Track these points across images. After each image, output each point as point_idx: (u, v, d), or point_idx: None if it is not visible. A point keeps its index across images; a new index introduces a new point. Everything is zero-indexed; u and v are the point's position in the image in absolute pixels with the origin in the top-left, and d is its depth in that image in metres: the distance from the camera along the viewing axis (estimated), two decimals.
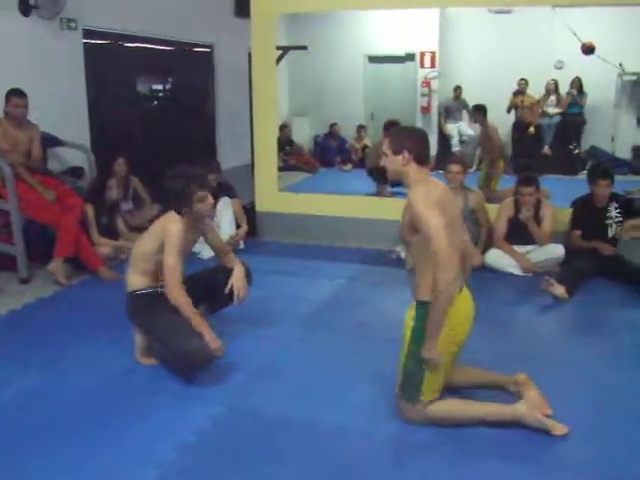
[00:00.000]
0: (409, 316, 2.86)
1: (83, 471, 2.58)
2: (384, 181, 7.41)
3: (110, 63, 7.23)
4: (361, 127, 11.15)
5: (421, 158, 2.78)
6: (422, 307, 2.76)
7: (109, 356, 3.66)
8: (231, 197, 6.03)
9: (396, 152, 2.78)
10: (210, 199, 3.44)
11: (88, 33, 6.62)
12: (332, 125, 11.28)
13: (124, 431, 2.87)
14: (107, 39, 7.13)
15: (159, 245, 3.37)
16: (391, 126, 7.77)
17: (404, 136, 2.82)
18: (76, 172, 6.11)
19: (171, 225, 3.37)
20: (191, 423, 2.93)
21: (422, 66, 11.29)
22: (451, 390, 3.03)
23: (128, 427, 2.90)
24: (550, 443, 2.76)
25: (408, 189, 2.80)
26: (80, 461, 2.65)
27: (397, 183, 6.63)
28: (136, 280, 3.52)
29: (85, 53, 6.61)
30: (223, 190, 6.03)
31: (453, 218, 2.76)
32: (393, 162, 2.81)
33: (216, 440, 2.84)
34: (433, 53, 11.15)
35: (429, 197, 2.66)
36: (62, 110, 6.21)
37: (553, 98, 10.44)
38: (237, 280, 3.60)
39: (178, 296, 3.30)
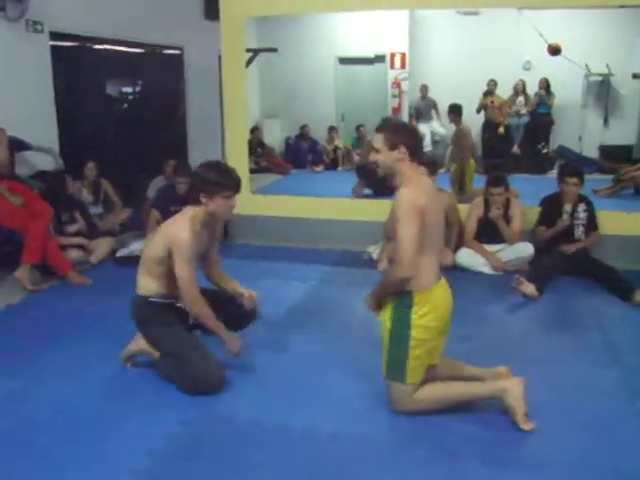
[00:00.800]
0: (388, 305, 2.92)
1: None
2: (368, 181, 7.42)
3: (79, 66, 7.16)
4: (332, 128, 11.19)
5: (416, 154, 2.82)
6: (403, 296, 2.83)
7: (80, 363, 3.61)
8: None
9: (392, 147, 2.79)
10: (234, 202, 3.27)
11: (55, 35, 6.54)
12: (303, 127, 11.30)
13: (94, 440, 2.84)
14: (75, 41, 7.06)
15: (166, 252, 3.22)
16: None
17: (400, 131, 2.85)
18: (44, 176, 6.03)
19: (180, 235, 3.19)
20: (162, 429, 2.91)
21: (392, 67, 11.35)
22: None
23: (98, 435, 2.87)
24: (522, 440, 2.80)
25: (398, 187, 2.80)
26: (50, 469, 2.62)
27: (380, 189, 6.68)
28: (150, 284, 3.37)
29: (52, 56, 6.53)
30: (194, 192, 5.96)
31: (436, 221, 2.83)
32: (388, 157, 2.81)
33: (188, 446, 2.81)
34: (403, 54, 11.22)
35: (414, 202, 2.70)
36: (29, 113, 6.13)
37: (521, 98, 10.58)
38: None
39: (195, 302, 3.23)
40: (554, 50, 8.39)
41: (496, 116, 10.47)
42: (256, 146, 10.19)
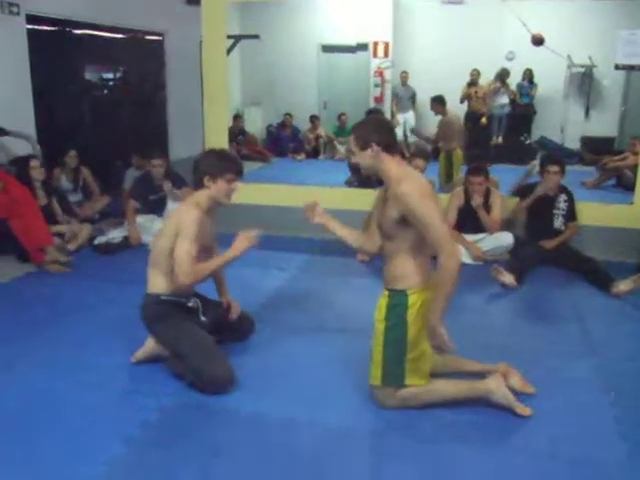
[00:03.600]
0: (381, 305, 2.86)
1: (28, 469, 2.52)
2: (358, 176, 7.35)
3: (57, 50, 7.05)
4: (314, 117, 11.13)
5: (390, 146, 2.75)
6: (397, 296, 2.79)
7: (57, 351, 3.57)
8: (181, 187, 5.94)
9: (363, 147, 2.74)
10: (236, 186, 3.29)
11: (32, 19, 6.42)
12: (285, 115, 11.23)
13: (70, 427, 2.81)
14: (53, 25, 6.94)
15: (176, 238, 3.16)
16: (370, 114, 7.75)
17: (367, 129, 2.78)
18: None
19: (186, 216, 3.18)
20: (139, 416, 2.89)
21: (375, 56, 11.32)
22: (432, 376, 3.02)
23: (74, 423, 2.84)
24: (504, 428, 2.82)
25: (393, 183, 2.70)
26: (26, 459, 2.58)
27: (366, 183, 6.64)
28: (161, 282, 3.30)
29: (29, 39, 6.40)
30: (172, 180, 5.96)
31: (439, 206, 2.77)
32: (362, 157, 2.77)
33: (164, 433, 2.80)
34: (386, 43, 11.19)
35: (421, 190, 2.64)
36: (5, 99, 6.03)
37: (499, 84, 10.54)
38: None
39: (191, 275, 3.10)
40: (537, 40, 8.35)
41: (479, 106, 10.48)
42: (237, 134, 10.12)
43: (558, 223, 5.19)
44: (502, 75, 10.47)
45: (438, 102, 7.77)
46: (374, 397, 2.98)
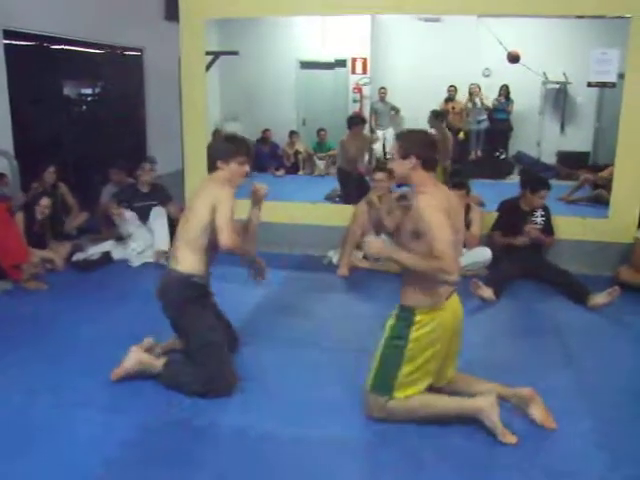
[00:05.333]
0: (391, 317, 2.92)
1: None
2: (344, 186, 7.33)
3: (35, 66, 7.01)
4: (293, 133, 11.14)
5: (428, 164, 2.84)
6: (405, 312, 2.84)
7: (34, 370, 3.53)
8: (166, 201, 6.04)
9: (404, 156, 2.83)
10: (247, 168, 3.44)
11: (9, 34, 6.39)
12: (265, 131, 11.24)
13: (48, 448, 2.77)
14: (31, 41, 6.91)
15: (212, 214, 3.23)
16: (352, 123, 7.75)
17: (413, 141, 2.86)
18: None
19: (221, 191, 3.27)
20: (118, 436, 2.86)
21: (354, 72, 11.37)
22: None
23: (52, 443, 2.81)
24: (487, 444, 2.82)
25: (416, 197, 2.79)
26: (1, 477, 2.55)
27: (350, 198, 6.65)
28: (191, 259, 3.33)
29: (6, 55, 6.37)
30: (158, 191, 6.07)
31: (456, 224, 2.81)
32: (400, 165, 2.85)
33: (142, 452, 2.78)
34: (364, 59, 11.25)
35: (436, 206, 2.70)
36: None
37: (478, 101, 10.69)
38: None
39: (234, 240, 3.22)
40: (513, 58, 8.49)
41: (456, 122, 10.58)
42: None
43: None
44: (470, 94, 10.65)
45: (438, 117, 7.76)
46: (364, 403, 3.00)
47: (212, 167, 3.49)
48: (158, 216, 5.85)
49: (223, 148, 3.47)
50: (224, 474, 2.62)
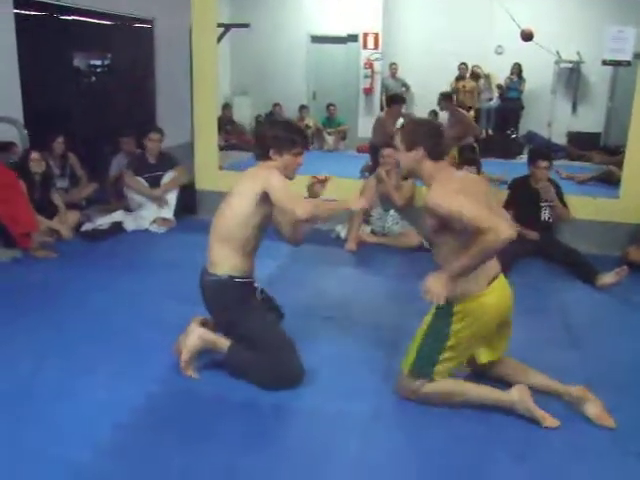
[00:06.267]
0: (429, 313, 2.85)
1: (14, 452, 2.52)
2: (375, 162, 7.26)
3: (45, 36, 6.98)
4: (303, 107, 11.09)
5: (436, 154, 2.73)
6: (443, 304, 2.70)
7: (42, 337, 3.56)
8: (174, 165, 6.16)
9: (409, 148, 2.73)
10: (302, 160, 3.15)
11: (20, 3, 6.35)
12: (275, 105, 11.20)
13: (58, 412, 2.80)
14: (41, 10, 6.88)
15: (259, 202, 2.97)
16: (392, 101, 7.68)
17: (418, 131, 2.76)
18: (7, 147, 5.88)
19: (270, 174, 2.96)
20: (127, 402, 2.89)
21: (365, 47, 11.31)
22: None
23: (62, 408, 2.84)
24: (485, 421, 2.84)
25: (427, 187, 2.73)
26: (10, 442, 2.58)
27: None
28: (232, 260, 3.05)
29: (17, 24, 6.34)
30: (165, 160, 6.15)
31: (480, 200, 2.65)
32: (406, 158, 2.76)
33: (152, 418, 2.81)
34: (376, 35, 11.18)
35: (448, 189, 2.60)
36: None
37: (482, 82, 10.64)
38: None
39: (305, 209, 2.88)
40: (527, 36, 8.39)
41: (467, 100, 10.51)
42: (226, 123, 10.08)
43: (546, 215, 5.23)
44: (474, 74, 10.61)
45: (447, 98, 7.69)
46: (397, 384, 2.96)
47: (262, 155, 3.14)
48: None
49: (280, 136, 3.08)
50: (231, 443, 2.64)
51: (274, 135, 3.10)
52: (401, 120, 7.13)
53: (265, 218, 3.08)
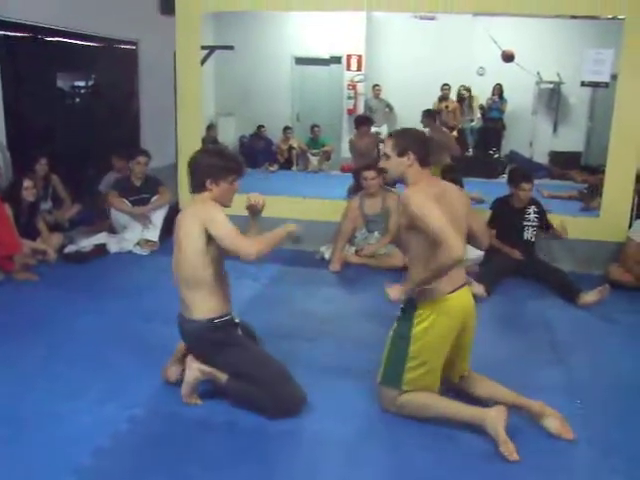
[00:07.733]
0: (401, 310, 2.95)
1: None
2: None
3: (28, 57, 6.96)
4: (287, 128, 11.15)
5: (424, 160, 2.87)
6: (409, 304, 2.88)
7: (25, 361, 3.53)
8: (156, 187, 6.22)
9: (401, 153, 2.85)
10: (237, 187, 3.11)
11: (3, 24, 6.35)
12: (259, 127, 11.25)
13: (39, 437, 2.78)
14: (25, 32, 6.87)
15: (206, 238, 2.94)
16: (360, 123, 7.72)
17: (409, 138, 2.90)
18: None
19: (208, 209, 2.95)
20: (109, 427, 2.86)
21: (348, 69, 11.40)
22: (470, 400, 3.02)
23: (43, 433, 2.81)
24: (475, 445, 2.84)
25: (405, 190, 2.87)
26: None
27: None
28: (209, 304, 3.04)
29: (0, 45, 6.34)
30: (150, 183, 6.18)
31: (452, 212, 2.80)
32: (397, 164, 2.88)
33: (134, 443, 2.79)
34: (359, 56, 11.29)
35: (424, 194, 2.75)
36: None
37: (466, 105, 10.77)
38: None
39: (253, 248, 2.89)
40: (508, 57, 8.52)
41: (450, 120, 10.61)
42: (210, 144, 10.08)
43: (528, 234, 5.27)
44: (459, 97, 10.74)
45: (430, 116, 7.71)
46: (378, 396, 3.06)
47: (198, 186, 3.09)
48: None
49: (214, 164, 3.04)
50: (214, 465, 2.63)
51: (210, 164, 3.06)
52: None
53: (219, 249, 3.02)
